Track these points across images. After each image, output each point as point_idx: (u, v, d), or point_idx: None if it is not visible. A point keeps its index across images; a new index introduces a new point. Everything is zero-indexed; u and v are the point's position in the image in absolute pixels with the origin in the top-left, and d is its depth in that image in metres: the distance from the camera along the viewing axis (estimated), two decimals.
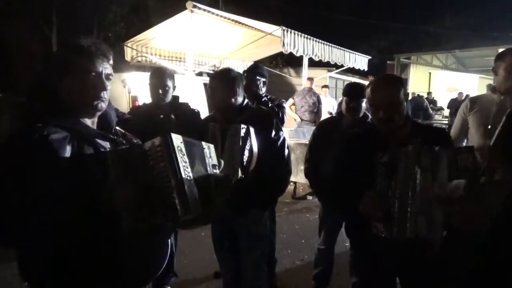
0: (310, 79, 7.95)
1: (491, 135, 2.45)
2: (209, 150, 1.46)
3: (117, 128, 1.50)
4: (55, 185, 1.15)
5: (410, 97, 11.48)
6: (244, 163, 2.11)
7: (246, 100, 2.38)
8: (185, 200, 1.19)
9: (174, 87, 2.76)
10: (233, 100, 2.27)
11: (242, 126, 2.12)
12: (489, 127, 2.49)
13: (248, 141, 2.14)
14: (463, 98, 12.94)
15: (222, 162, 1.53)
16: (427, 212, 1.56)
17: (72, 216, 1.15)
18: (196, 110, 2.88)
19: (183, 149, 1.27)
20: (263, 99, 3.25)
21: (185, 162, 1.25)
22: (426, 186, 1.57)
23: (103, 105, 1.36)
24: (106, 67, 1.34)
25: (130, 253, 1.28)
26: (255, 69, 3.29)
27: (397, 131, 1.80)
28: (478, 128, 2.56)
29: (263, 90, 3.27)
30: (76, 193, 1.16)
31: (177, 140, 1.25)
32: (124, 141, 1.43)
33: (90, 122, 1.37)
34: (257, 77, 3.20)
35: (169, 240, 1.52)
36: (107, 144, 1.35)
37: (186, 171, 1.24)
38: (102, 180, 1.19)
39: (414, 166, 1.58)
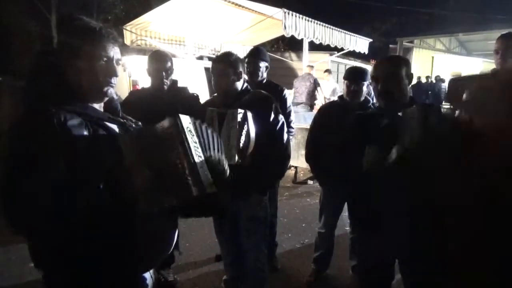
0: (310, 66, 7.95)
1: None
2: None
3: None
4: (74, 171, 1.15)
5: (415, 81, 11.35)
6: (241, 147, 2.11)
7: (245, 84, 2.37)
8: (199, 181, 1.20)
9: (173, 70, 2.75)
10: (238, 83, 2.25)
11: (239, 110, 2.11)
12: None
13: (245, 125, 2.13)
14: None
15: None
16: None
17: (91, 201, 1.15)
18: (195, 94, 2.86)
19: (193, 130, 1.28)
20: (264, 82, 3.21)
21: (195, 143, 1.26)
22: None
23: (113, 91, 1.35)
24: (116, 52, 1.32)
25: (143, 234, 1.28)
26: (258, 53, 3.20)
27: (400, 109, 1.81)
28: None
29: (264, 75, 3.21)
30: (93, 179, 1.16)
31: (186, 121, 1.26)
32: (133, 125, 1.43)
33: (98, 106, 1.36)
34: (260, 63, 3.13)
35: (177, 219, 1.53)
36: (116, 128, 1.35)
37: (197, 152, 1.25)
38: (117, 165, 1.19)
39: (420, 124, 1.52)
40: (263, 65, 3.14)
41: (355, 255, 3.13)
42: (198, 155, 1.24)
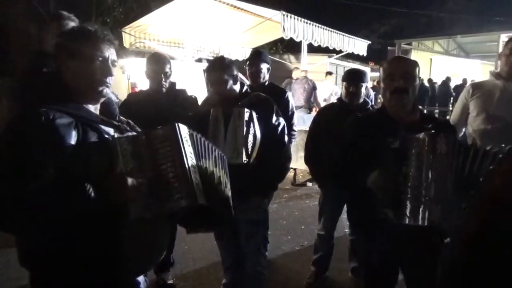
0: (304, 71, 8.13)
1: (493, 120, 2.43)
2: (213, 144, 1.49)
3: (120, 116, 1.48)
4: (61, 172, 1.14)
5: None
6: (249, 148, 2.10)
7: (245, 87, 2.36)
8: (191, 189, 1.20)
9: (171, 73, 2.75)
10: (235, 86, 2.25)
11: (246, 110, 2.11)
12: (491, 112, 2.44)
13: (252, 125, 2.12)
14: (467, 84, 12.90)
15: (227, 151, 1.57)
16: (443, 200, 1.52)
17: (77, 204, 1.14)
18: (193, 97, 2.86)
19: (189, 140, 1.29)
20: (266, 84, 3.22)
21: (191, 153, 1.27)
22: (442, 174, 1.53)
23: (108, 91, 1.36)
24: (112, 53, 1.34)
25: (133, 240, 1.28)
26: (259, 55, 3.22)
27: (406, 115, 1.82)
28: (480, 114, 2.51)
29: (266, 77, 3.23)
30: (81, 181, 1.15)
31: (184, 130, 1.27)
32: (128, 128, 1.43)
33: (93, 108, 1.36)
34: (261, 64, 3.14)
35: (170, 227, 1.53)
36: (111, 131, 1.34)
37: (192, 162, 1.26)
38: (107, 168, 1.19)
39: (429, 153, 1.54)
40: (264, 67, 3.17)
41: (354, 257, 3.13)
42: (193, 164, 1.25)
